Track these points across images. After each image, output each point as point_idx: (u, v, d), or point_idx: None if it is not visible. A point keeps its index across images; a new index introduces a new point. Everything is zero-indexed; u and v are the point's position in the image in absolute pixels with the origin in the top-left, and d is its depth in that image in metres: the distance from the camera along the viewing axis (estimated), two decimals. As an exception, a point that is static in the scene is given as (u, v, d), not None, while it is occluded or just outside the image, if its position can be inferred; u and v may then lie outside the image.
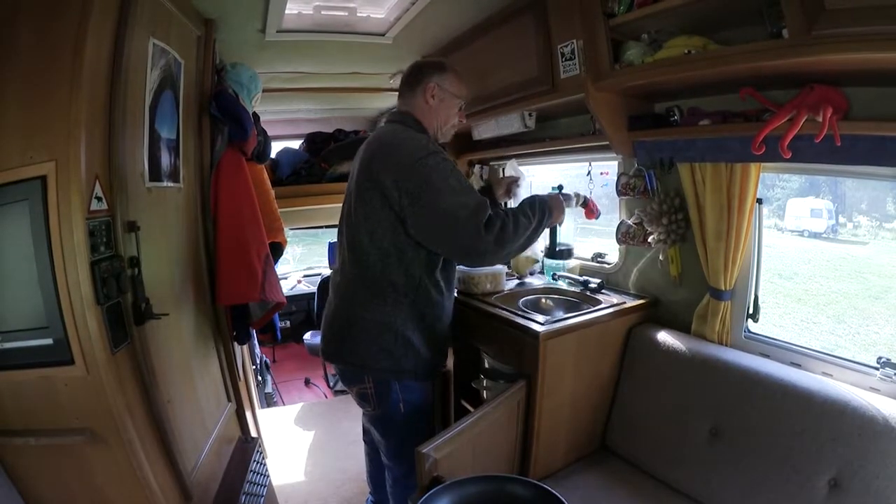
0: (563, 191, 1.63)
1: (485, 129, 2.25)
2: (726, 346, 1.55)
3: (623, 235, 1.80)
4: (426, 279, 1.41)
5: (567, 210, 1.58)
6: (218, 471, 1.70)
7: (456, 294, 1.91)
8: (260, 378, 3.25)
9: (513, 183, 1.73)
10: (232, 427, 1.94)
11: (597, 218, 1.93)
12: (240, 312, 2.01)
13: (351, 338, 1.45)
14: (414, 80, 1.47)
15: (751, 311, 1.54)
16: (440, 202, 1.26)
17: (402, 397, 1.46)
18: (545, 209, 1.41)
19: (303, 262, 5.23)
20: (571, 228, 2.28)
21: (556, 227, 1.68)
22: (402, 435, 1.51)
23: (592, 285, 1.85)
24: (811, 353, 1.41)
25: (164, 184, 1.49)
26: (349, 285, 1.46)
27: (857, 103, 1.14)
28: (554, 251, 1.83)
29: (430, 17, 1.86)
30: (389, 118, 1.52)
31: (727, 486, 1.33)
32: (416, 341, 1.44)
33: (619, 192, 1.79)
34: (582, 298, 1.84)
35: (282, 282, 2.14)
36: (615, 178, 1.81)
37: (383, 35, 2.03)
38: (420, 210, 1.28)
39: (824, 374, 1.34)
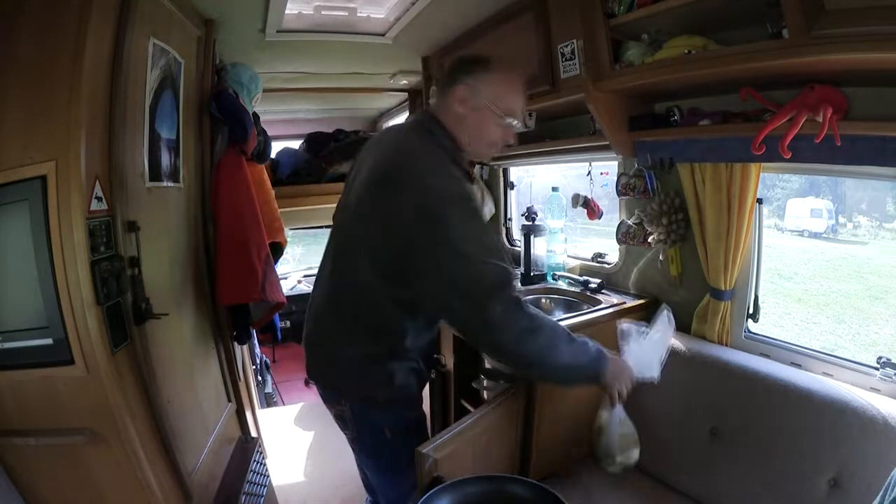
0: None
1: (485, 129, 2.24)
2: (726, 346, 1.54)
3: (623, 235, 1.80)
4: (406, 318, 1.19)
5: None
6: (218, 471, 1.70)
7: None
8: (260, 378, 3.24)
9: None
10: (232, 427, 1.94)
11: (599, 218, 1.93)
12: (240, 312, 2.01)
13: (327, 361, 1.29)
14: (449, 76, 1.20)
15: (751, 311, 1.54)
16: (458, 266, 1.03)
17: (382, 423, 1.27)
18: (600, 361, 1.20)
19: (303, 262, 5.21)
20: (572, 228, 2.28)
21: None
22: (388, 458, 1.33)
23: (592, 285, 1.85)
24: (811, 353, 1.41)
25: (165, 184, 1.49)
26: (329, 302, 1.25)
27: (857, 103, 1.13)
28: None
29: (430, 17, 1.86)
30: (416, 118, 1.28)
31: (727, 487, 1.33)
32: (391, 372, 1.22)
33: (619, 193, 1.79)
34: (582, 298, 1.83)
35: (282, 282, 2.14)
36: (615, 178, 1.81)
37: (383, 35, 2.03)
38: (430, 266, 1.05)
39: (824, 374, 1.34)
